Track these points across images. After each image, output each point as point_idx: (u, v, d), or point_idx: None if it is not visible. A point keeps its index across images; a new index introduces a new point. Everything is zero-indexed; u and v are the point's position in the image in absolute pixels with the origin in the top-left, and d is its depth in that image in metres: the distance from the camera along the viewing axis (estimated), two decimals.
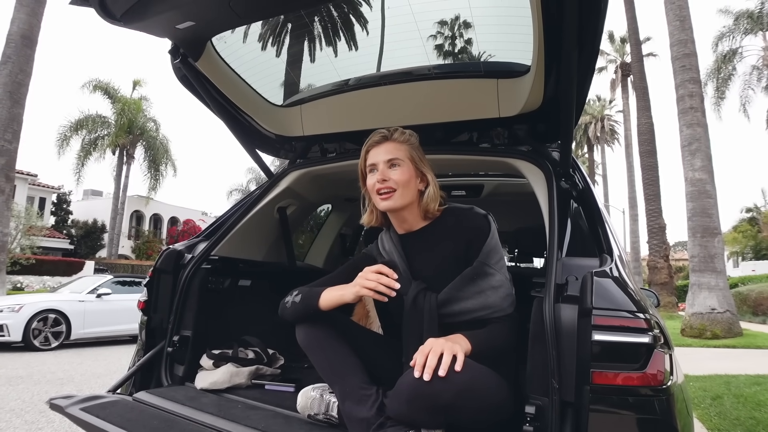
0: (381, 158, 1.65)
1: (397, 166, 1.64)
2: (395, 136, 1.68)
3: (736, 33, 21.00)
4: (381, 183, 1.62)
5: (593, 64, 1.62)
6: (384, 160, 1.64)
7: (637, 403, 1.24)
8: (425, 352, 1.30)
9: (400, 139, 1.67)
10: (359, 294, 1.49)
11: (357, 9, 2.18)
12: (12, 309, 7.50)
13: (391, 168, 1.64)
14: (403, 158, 1.65)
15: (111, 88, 25.98)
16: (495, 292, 1.54)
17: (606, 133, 38.01)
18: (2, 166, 10.70)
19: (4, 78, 10.77)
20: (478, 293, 1.53)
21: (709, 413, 3.94)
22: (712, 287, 10.18)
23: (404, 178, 1.62)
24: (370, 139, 1.70)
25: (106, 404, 1.72)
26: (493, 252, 1.58)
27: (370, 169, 1.68)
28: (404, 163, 1.64)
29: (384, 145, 1.67)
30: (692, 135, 10.82)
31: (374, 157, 1.67)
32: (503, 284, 1.56)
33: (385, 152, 1.65)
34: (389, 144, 1.67)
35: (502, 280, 1.56)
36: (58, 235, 26.76)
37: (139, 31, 1.84)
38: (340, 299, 1.53)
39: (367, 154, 1.70)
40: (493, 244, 1.59)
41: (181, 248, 2.24)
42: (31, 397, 4.34)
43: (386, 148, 1.66)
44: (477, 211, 1.67)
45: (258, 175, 28.56)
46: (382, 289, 1.44)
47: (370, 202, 1.74)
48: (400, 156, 1.65)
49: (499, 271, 1.57)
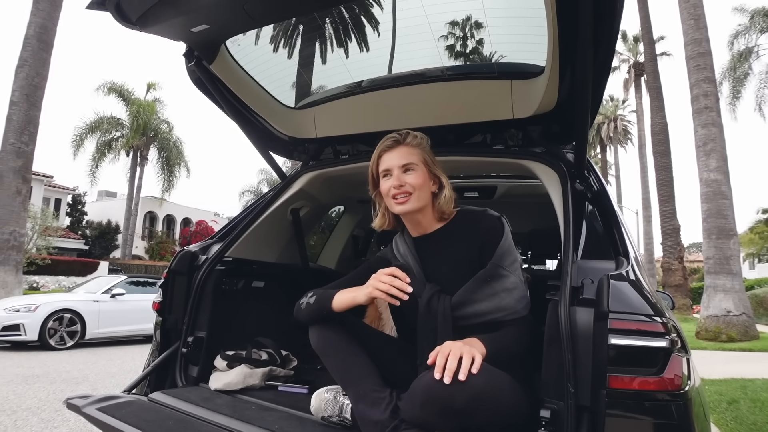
0: (395, 163, 1.64)
1: (412, 171, 1.64)
2: (408, 140, 1.67)
3: (751, 31, 20.67)
4: (397, 188, 1.62)
5: (609, 64, 1.61)
6: (398, 165, 1.64)
7: (654, 408, 1.23)
8: (445, 354, 1.29)
9: (412, 143, 1.67)
10: (371, 295, 1.49)
11: (369, 10, 2.19)
12: (28, 309, 7.60)
13: (406, 173, 1.64)
14: (417, 162, 1.65)
15: (125, 91, 26.32)
16: (509, 294, 1.53)
17: (619, 134, 37.68)
18: (19, 168, 10.86)
19: (21, 81, 10.93)
20: (491, 295, 1.52)
21: (725, 418, 3.88)
22: (727, 289, 10.05)
23: (419, 181, 1.63)
24: (382, 143, 1.70)
25: (122, 404, 1.74)
26: (507, 254, 1.57)
27: (384, 174, 1.68)
28: (418, 167, 1.65)
29: (397, 149, 1.67)
30: (707, 135, 10.70)
31: (388, 162, 1.66)
32: (517, 286, 1.55)
33: (399, 157, 1.65)
34: (402, 148, 1.66)
35: (516, 282, 1.55)
36: (73, 236, 27.11)
37: (155, 34, 1.86)
38: (353, 301, 1.54)
39: (380, 159, 1.69)
40: (506, 246, 1.58)
41: (196, 250, 2.25)
42: (47, 395, 4.40)
43: (400, 153, 1.66)
44: (490, 213, 1.67)
45: (270, 176, 28.72)
46: (395, 292, 1.45)
47: (381, 206, 1.74)
48: (414, 160, 1.65)
49: (513, 273, 1.56)
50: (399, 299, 1.45)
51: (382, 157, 1.69)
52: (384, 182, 1.67)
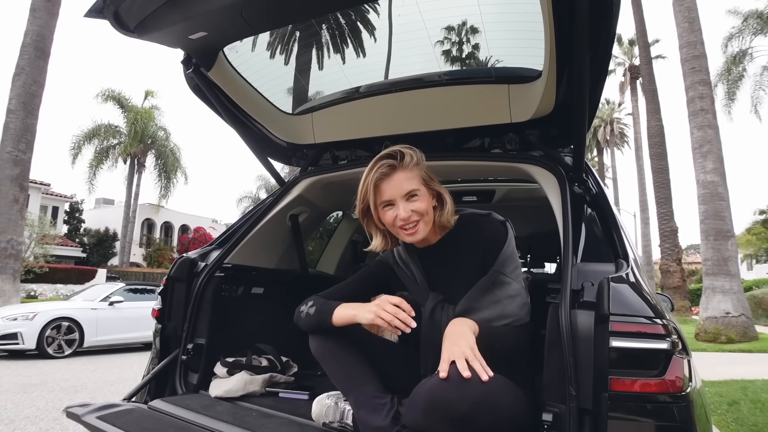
0: (397, 193, 1.54)
1: (416, 197, 1.55)
2: (405, 163, 1.56)
3: (745, 33, 20.77)
4: (405, 220, 1.54)
5: (605, 67, 1.61)
6: (401, 195, 1.54)
7: (656, 410, 1.23)
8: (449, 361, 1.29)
9: (409, 166, 1.56)
10: (373, 322, 1.45)
11: (365, 16, 2.19)
12: (26, 317, 7.57)
13: (410, 200, 1.55)
14: (418, 186, 1.56)
15: (123, 98, 26.32)
16: (512, 301, 1.52)
17: (615, 137, 37.79)
18: (16, 176, 10.83)
19: (18, 89, 10.93)
20: (494, 303, 1.52)
21: (726, 419, 3.87)
22: (726, 291, 10.06)
23: (424, 206, 1.55)
24: (377, 170, 1.55)
25: (122, 412, 1.73)
26: (509, 260, 1.57)
27: (385, 204, 1.58)
28: (421, 191, 1.56)
29: (395, 176, 1.55)
30: (703, 137, 10.73)
31: (389, 192, 1.55)
32: (519, 293, 1.55)
33: (399, 185, 1.54)
34: (401, 174, 1.55)
35: (518, 288, 1.55)
36: (70, 244, 27.05)
37: (152, 41, 1.86)
38: (354, 319, 1.50)
39: (378, 189, 1.56)
40: (509, 252, 1.57)
41: (195, 256, 2.25)
42: (45, 404, 4.37)
43: (399, 181, 1.55)
44: (495, 218, 1.65)
45: (268, 183, 28.72)
46: (397, 323, 1.40)
47: (377, 229, 1.67)
48: (415, 185, 1.55)
49: (515, 280, 1.56)
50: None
51: (379, 186, 1.56)
52: (386, 212, 1.58)
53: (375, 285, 1.76)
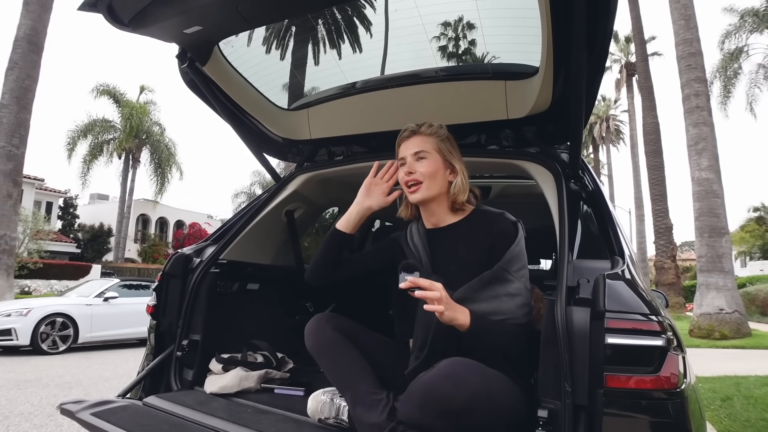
0: (408, 151, 1.69)
1: (424, 159, 1.67)
2: (422, 130, 1.71)
3: (741, 31, 20.83)
4: (407, 176, 1.67)
5: (602, 64, 1.61)
6: (411, 153, 1.68)
7: (650, 407, 1.23)
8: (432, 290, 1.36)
9: (427, 132, 1.70)
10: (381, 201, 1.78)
11: (362, 11, 2.18)
12: (20, 313, 7.54)
13: (418, 161, 1.67)
14: (429, 150, 1.67)
15: (118, 93, 26.16)
16: (511, 299, 1.52)
17: (611, 133, 37.86)
18: (10, 171, 10.78)
19: (12, 83, 10.86)
20: (493, 297, 1.51)
21: (719, 415, 3.90)
22: (720, 287, 10.12)
23: (430, 170, 1.65)
24: (401, 134, 1.76)
25: (117, 409, 1.72)
26: (516, 259, 1.56)
27: (401, 162, 1.72)
28: (431, 155, 1.67)
29: (412, 138, 1.71)
30: (698, 134, 10.78)
31: (403, 151, 1.72)
32: (521, 293, 1.54)
33: (412, 145, 1.69)
34: (417, 137, 1.71)
35: (520, 288, 1.54)
36: (65, 239, 26.91)
37: (147, 36, 1.85)
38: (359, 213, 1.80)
39: (398, 149, 1.75)
40: (516, 252, 1.57)
41: (190, 252, 2.24)
42: (39, 400, 4.36)
43: (414, 142, 1.70)
44: (507, 217, 1.66)
45: (263, 178, 28.63)
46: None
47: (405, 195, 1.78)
48: (426, 148, 1.68)
49: (519, 279, 1.55)
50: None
51: (399, 146, 1.75)
52: (400, 171, 1.72)
53: (383, 257, 1.84)
